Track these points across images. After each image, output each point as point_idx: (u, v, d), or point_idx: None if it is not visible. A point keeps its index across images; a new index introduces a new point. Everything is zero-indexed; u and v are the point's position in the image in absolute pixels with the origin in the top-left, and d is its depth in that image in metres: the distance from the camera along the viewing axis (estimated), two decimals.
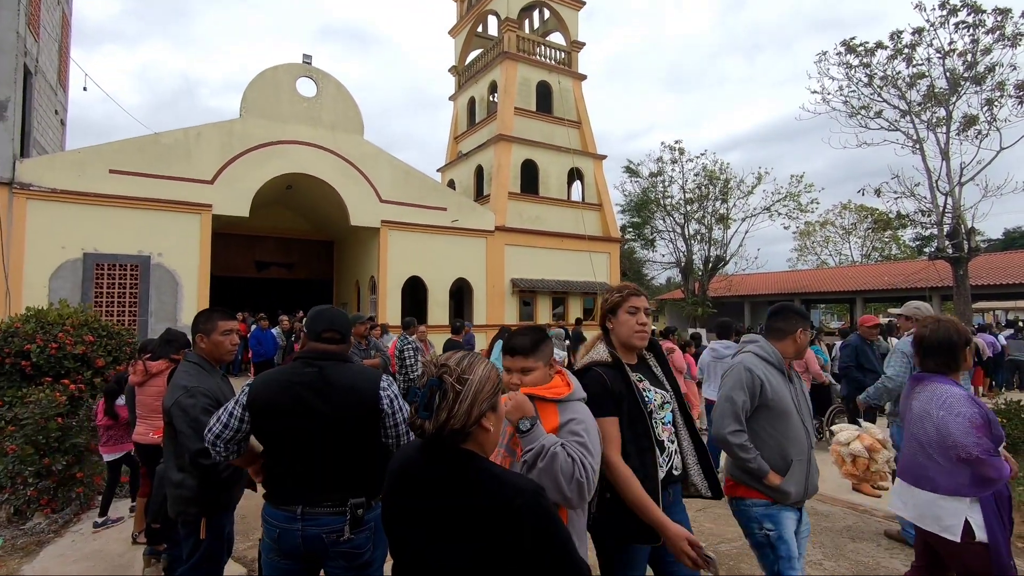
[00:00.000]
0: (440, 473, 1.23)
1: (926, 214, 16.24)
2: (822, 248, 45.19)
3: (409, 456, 1.33)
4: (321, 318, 2.14)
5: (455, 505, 1.19)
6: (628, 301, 2.11)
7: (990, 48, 14.86)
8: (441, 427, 1.21)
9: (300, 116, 13.45)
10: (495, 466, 1.27)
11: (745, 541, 4.20)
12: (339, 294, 18.43)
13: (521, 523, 1.14)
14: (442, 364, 1.27)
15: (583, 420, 1.77)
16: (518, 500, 1.16)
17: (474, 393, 1.24)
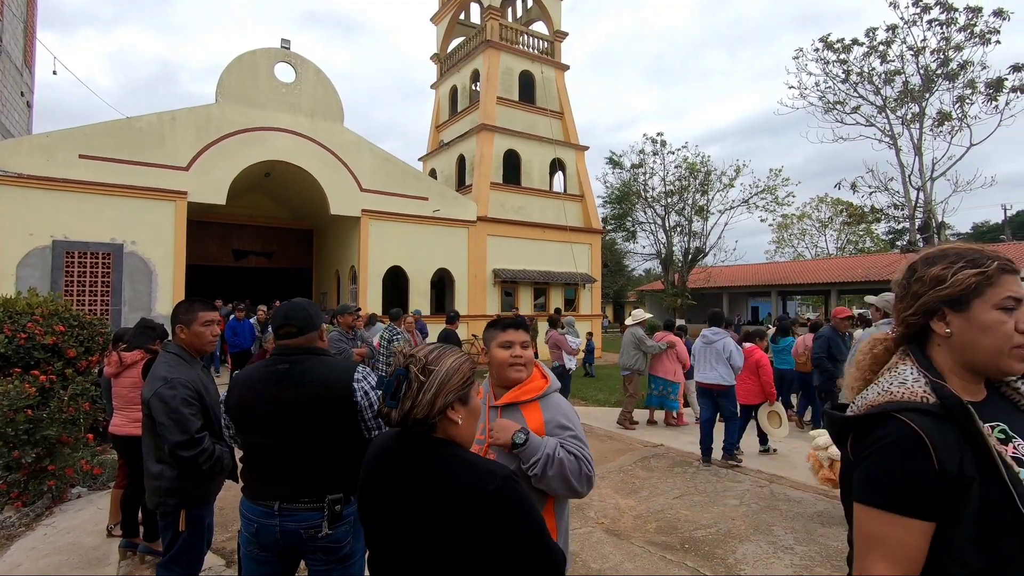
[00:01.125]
0: (412, 462, 1.25)
1: (899, 208, 16.66)
2: (799, 241, 46.01)
3: (382, 446, 1.34)
4: (277, 315, 2.15)
5: (428, 494, 1.20)
6: (1001, 284, 1.06)
7: (962, 46, 15.20)
8: (405, 416, 1.23)
9: (278, 102, 13.19)
10: (468, 453, 1.28)
11: (720, 527, 4.32)
12: (319, 284, 18.23)
13: (494, 508, 1.16)
14: (410, 355, 1.29)
15: (565, 411, 1.81)
16: (491, 485, 1.17)
17: (439, 384, 1.25)
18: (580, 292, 18.59)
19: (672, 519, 4.48)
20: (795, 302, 41.44)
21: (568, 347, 8.28)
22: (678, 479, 5.57)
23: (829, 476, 4.36)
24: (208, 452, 2.27)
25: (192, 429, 2.27)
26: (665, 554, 3.84)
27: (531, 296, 17.60)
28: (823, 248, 44.54)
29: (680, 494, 5.11)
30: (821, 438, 4.55)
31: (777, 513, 4.62)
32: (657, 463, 6.15)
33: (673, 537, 4.13)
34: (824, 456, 4.40)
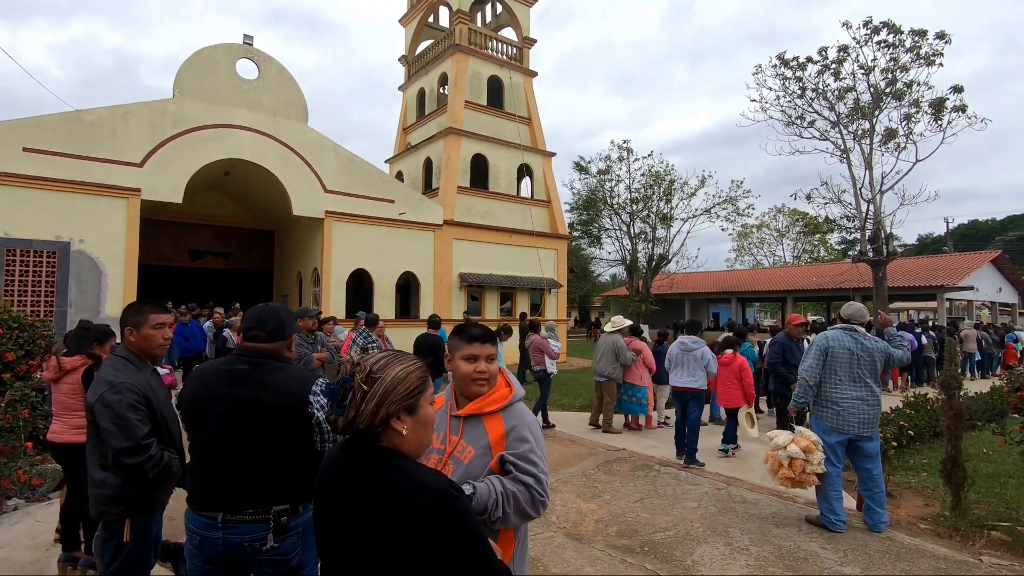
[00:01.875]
0: (356, 470, 1.24)
1: (851, 219, 17.34)
2: (758, 249, 47.47)
3: (333, 455, 1.33)
4: (249, 317, 2.10)
5: (371, 503, 1.19)
6: None
7: (908, 66, 16.01)
8: (349, 424, 1.23)
9: (239, 99, 12.84)
10: (412, 465, 1.24)
11: (678, 529, 4.39)
12: (280, 286, 17.78)
13: (430, 523, 1.13)
14: (356, 363, 1.28)
15: (528, 423, 1.77)
16: (422, 500, 1.14)
17: (382, 394, 1.23)
18: (546, 297, 18.69)
19: (633, 522, 4.54)
20: (754, 308, 42.66)
21: (551, 351, 8.36)
22: (639, 482, 5.64)
23: (788, 475, 4.49)
24: (155, 459, 2.18)
25: (138, 435, 2.17)
26: (625, 557, 3.88)
27: (497, 300, 17.59)
28: (780, 257, 46.07)
29: (641, 497, 5.17)
30: (779, 438, 4.69)
31: (733, 515, 4.73)
32: (619, 467, 6.22)
33: (633, 540, 4.18)
34: (783, 455, 4.53)
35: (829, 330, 4.72)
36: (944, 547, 4.09)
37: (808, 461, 4.41)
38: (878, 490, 4.42)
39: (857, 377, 4.42)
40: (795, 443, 4.50)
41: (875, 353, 4.46)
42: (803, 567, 3.73)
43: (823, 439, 4.49)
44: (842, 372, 4.45)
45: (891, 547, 4.07)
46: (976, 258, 25.58)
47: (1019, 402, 4.35)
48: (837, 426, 4.43)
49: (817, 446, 4.45)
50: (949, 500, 4.64)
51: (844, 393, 4.42)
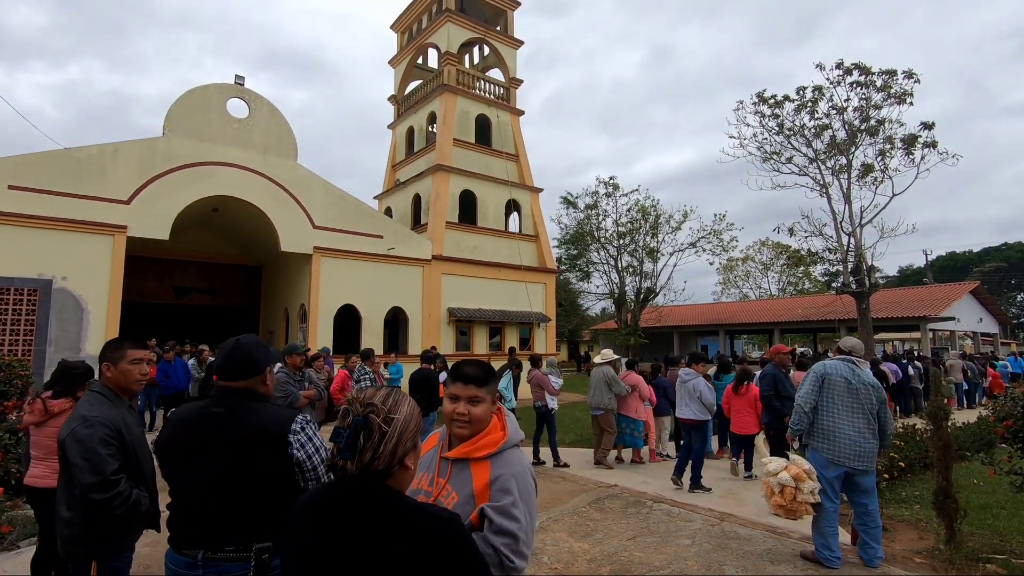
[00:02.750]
0: (363, 513, 1.20)
1: (833, 252, 17.69)
2: (743, 282, 48.04)
3: (325, 496, 1.28)
4: (222, 355, 2.05)
5: (380, 544, 1.16)
6: None
7: (880, 105, 16.65)
8: (365, 467, 1.19)
9: (230, 137, 12.97)
10: (413, 501, 1.26)
11: (673, 568, 4.29)
12: (266, 322, 17.60)
13: (438, 550, 1.14)
14: (368, 403, 1.25)
15: (516, 473, 1.63)
16: (433, 529, 1.16)
17: (399, 433, 1.23)
18: (535, 331, 18.66)
19: (626, 561, 4.43)
20: (742, 340, 42.87)
21: (551, 387, 8.30)
22: (632, 520, 5.54)
23: (780, 502, 4.43)
24: (123, 496, 2.10)
25: (107, 471, 2.10)
26: None
27: (486, 335, 17.53)
28: (766, 289, 46.62)
29: (634, 535, 5.07)
30: (771, 465, 4.65)
31: (728, 552, 4.64)
32: (611, 504, 6.11)
33: None
34: (775, 482, 4.48)
35: (827, 360, 4.73)
36: None
37: (799, 490, 4.36)
38: (874, 525, 4.36)
39: (854, 408, 4.39)
40: (787, 471, 4.46)
41: (872, 386, 4.46)
42: None
43: (820, 472, 4.43)
44: (839, 401, 4.42)
45: None
46: (956, 289, 26.09)
47: (1006, 431, 4.38)
48: (833, 458, 4.37)
49: (809, 475, 4.41)
50: (943, 533, 4.60)
51: (840, 424, 4.37)
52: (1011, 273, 48.07)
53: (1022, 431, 4.15)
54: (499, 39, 19.47)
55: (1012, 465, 4.42)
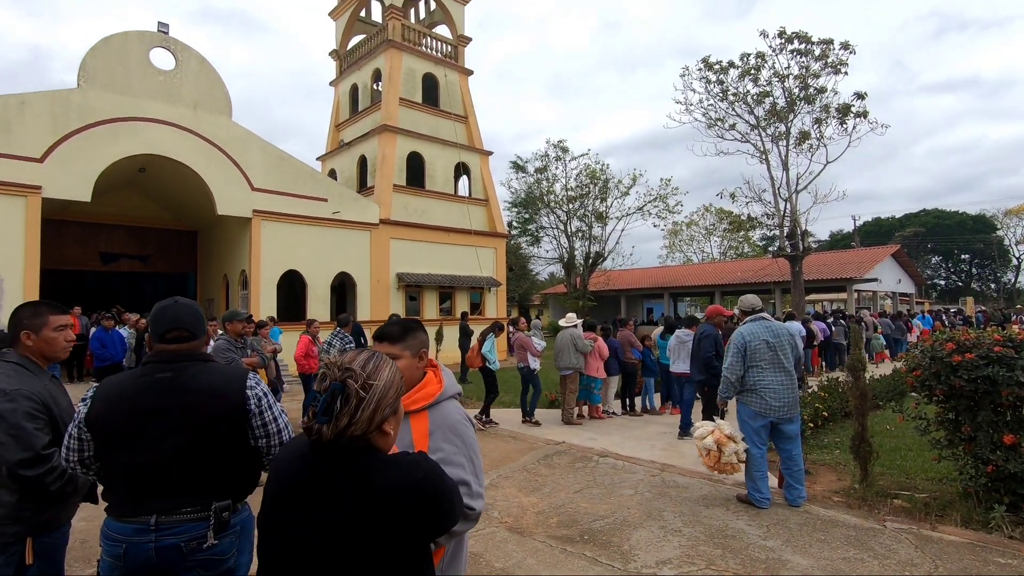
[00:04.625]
0: (339, 483, 1.19)
1: (770, 217, 18.44)
2: (688, 246, 49.66)
3: (299, 464, 1.26)
4: (164, 317, 1.94)
5: (365, 499, 1.17)
6: None
7: (818, 74, 17.21)
8: (340, 433, 1.18)
9: (155, 91, 12.04)
10: (386, 458, 1.26)
11: (616, 516, 4.53)
12: (204, 289, 16.84)
13: (421, 495, 1.20)
14: (346, 367, 1.22)
15: (453, 422, 1.67)
16: (419, 473, 1.22)
17: (378, 399, 1.21)
18: (486, 296, 18.72)
19: (573, 512, 4.64)
20: (685, 303, 44.54)
21: (534, 349, 8.57)
22: (579, 474, 5.77)
23: (708, 464, 4.78)
24: (58, 471, 2.01)
25: (37, 445, 1.99)
26: (566, 547, 3.96)
27: (436, 300, 17.46)
28: (708, 253, 48.40)
29: (580, 488, 5.29)
30: (700, 430, 4.97)
31: (668, 499, 4.93)
32: (559, 460, 6.34)
33: (573, 530, 4.27)
34: (702, 446, 4.81)
35: (743, 325, 5.00)
36: (854, 516, 4.44)
37: (722, 452, 4.70)
38: (797, 469, 4.75)
39: (776, 364, 4.73)
40: (712, 435, 4.78)
41: (787, 338, 4.81)
42: (731, 543, 3.95)
43: (748, 423, 4.77)
44: (762, 362, 4.75)
45: (808, 520, 4.38)
46: (879, 252, 27.89)
47: (915, 381, 4.79)
48: (760, 411, 4.72)
49: (733, 439, 4.74)
50: (858, 474, 5.05)
51: (765, 380, 4.72)
52: (927, 238, 51.75)
53: (928, 380, 4.56)
54: None
55: (918, 411, 4.86)
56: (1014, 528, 3.99)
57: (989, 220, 52.36)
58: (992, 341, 4.32)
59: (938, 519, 4.31)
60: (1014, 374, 4.08)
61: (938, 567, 3.55)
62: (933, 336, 4.84)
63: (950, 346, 4.45)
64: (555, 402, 9.44)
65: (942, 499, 4.63)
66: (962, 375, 4.28)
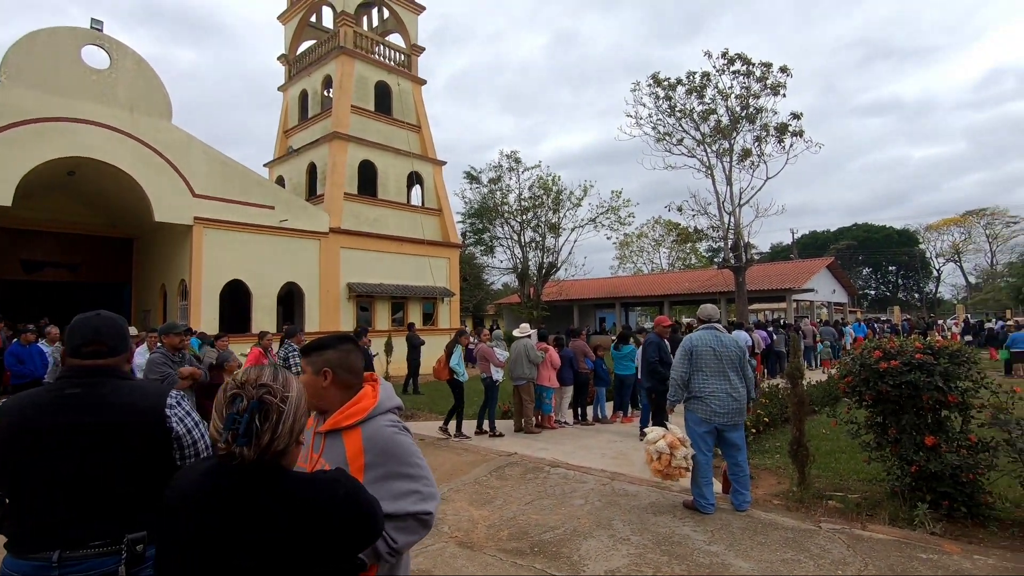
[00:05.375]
0: (265, 501, 1.16)
1: (715, 229, 19.18)
2: (638, 257, 50.95)
3: (211, 485, 1.20)
4: (82, 330, 1.80)
5: (285, 527, 1.15)
6: None
7: (758, 94, 18.10)
8: (263, 451, 1.15)
9: (86, 91, 11.40)
10: (304, 476, 1.26)
11: (566, 527, 4.54)
12: (140, 300, 15.97)
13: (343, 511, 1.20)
14: (261, 384, 1.20)
15: (386, 436, 1.60)
16: (340, 490, 1.22)
17: (295, 410, 1.21)
18: (439, 306, 18.57)
19: (523, 524, 4.62)
20: (636, 312, 45.54)
21: (496, 360, 8.54)
22: (530, 485, 5.76)
23: (658, 468, 4.85)
24: None
25: None
26: (516, 560, 3.94)
27: (388, 310, 17.18)
28: (658, 264, 49.78)
29: (531, 499, 5.29)
30: (651, 434, 5.05)
31: (617, 508, 4.99)
32: (511, 471, 6.31)
33: (523, 542, 4.25)
34: (653, 450, 4.88)
35: (694, 331, 5.18)
36: (792, 519, 4.62)
37: (673, 456, 4.79)
38: (744, 475, 4.91)
39: (720, 372, 4.89)
40: (664, 439, 4.87)
41: (734, 349, 4.98)
42: (676, 550, 4.03)
43: (694, 429, 4.90)
44: (707, 369, 4.90)
45: (751, 523, 4.53)
46: (815, 264, 29.41)
47: (847, 387, 5.05)
48: (706, 417, 4.86)
49: (683, 443, 4.85)
50: (796, 477, 5.26)
51: (710, 387, 4.87)
52: (858, 250, 55.03)
53: (858, 386, 4.82)
54: (399, 2, 18.66)
55: (850, 415, 5.12)
56: (935, 524, 4.24)
57: (913, 234, 56.24)
58: (914, 349, 4.62)
59: (868, 518, 4.53)
60: (933, 379, 4.37)
61: (867, 565, 3.73)
62: (863, 344, 5.13)
63: (877, 353, 4.72)
64: (508, 412, 9.42)
65: (872, 499, 4.88)
66: (888, 381, 4.55)
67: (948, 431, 4.50)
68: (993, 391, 4.50)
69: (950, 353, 4.52)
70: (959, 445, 4.41)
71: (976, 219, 51.81)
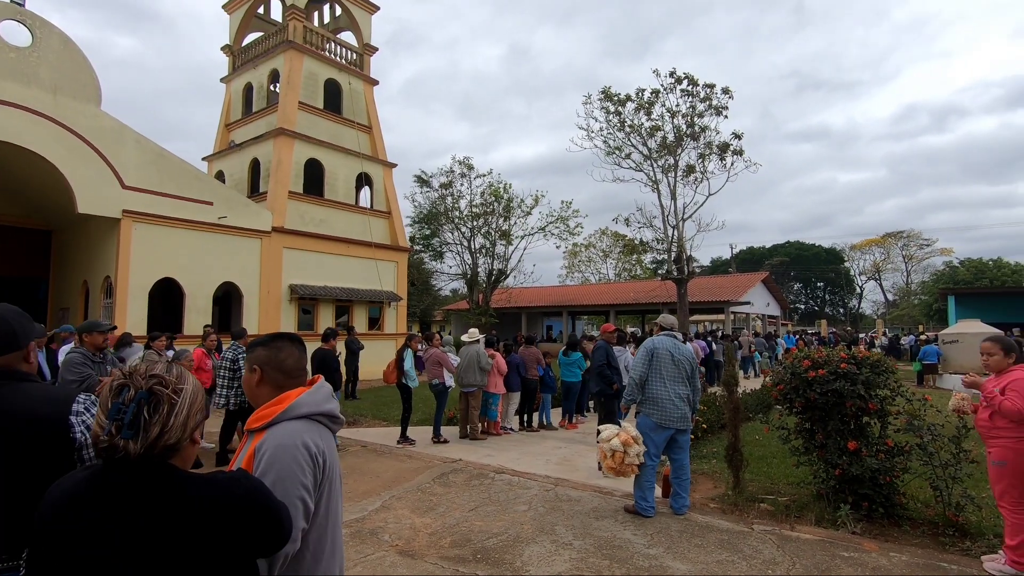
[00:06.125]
0: (150, 500, 1.07)
1: (660, 242, 19.78)
2: (586, 267, 51.86)
3: (96, 489, 1.10)
4: None
5: (176, 527, 1.07)
6: None
7: (702, 114, 18.87)
8: (152, 445, 1.07)
9: (4, 69, 10.53)
10: (199, 477, 1.18)
11: (510, 533, 4.52)
12: (58, 297, 14.82)
13: (240, 512, 1.15)
14: (152, 375, 1.13)
15: (276, 444, 1.44)
16: (238, 489, 1.16)
17: (190, 403, 1.16)
18: (385, 310, 18.22)
19: (467, 531, 4.57)
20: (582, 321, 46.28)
21: (449, 364, 8.41)
22: (474, 491, 5.71)
23: (611, 465, 4.90)
24: None
25: None
26: (458, 567, 3.88)
27: (332, 314, 16.69)
28: (604, 274, 50.81)
29: (475, 506, 5.24)
30: (605, 432, 5.11)
31: (560, 513, 5.02)
32: (455, 478, 6.24)
33: (466, 549, 4.20)
34: (607, 447, 4.94)
35: (655, 336, 5.31)
36: (727, 521, 4.79)
37: (627, 454, 4.86)
38: (686, 478, 5.06)
39: (676, 378, 5.03)
40: (618, 437, 4.94)
41: (691, 358, 5.16)
42: (617, 553, 4.09)
43: (648, 435, 4.98)
44: (665, 373, 5.03)
45: (688, 526, 4.66)
46: (752, 278, 30.84)
47: (779, 395, 5.31)
48: (661, 422, 4.96)
49: (636, 441, 4.94)
50: (731, 481, 5.46)
51: (666, 392, 4.99)
52: (790, 266, 58.21)
53: (789, 394, 5.07)
54: (353, 0, 18.32)
55: (781, 422, 5.37)
56: (856, 524, 4.50)
57: (839, 253, 60.03)
58: (839, 359, 4.90)
59: (796, 520, 4.76)
60: (856, 387, 4.65)
61: (795, 565, 3.91)
62: (793, 354, 5.41)
63: (807, 363, 4.98)
64: (453, 419, 9.32)
65: (800, 501, 5.13)
66: (816, 389, 4.81)
67: (869, 436, 4.80)
68: (908, 399, 4.83)
69: (871, 363, 4.83)
70: (878, 450, 4.70)
71: (894, 240, 55.89)
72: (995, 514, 4.41)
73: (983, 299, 27.22)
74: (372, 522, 4.78)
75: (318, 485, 1.49)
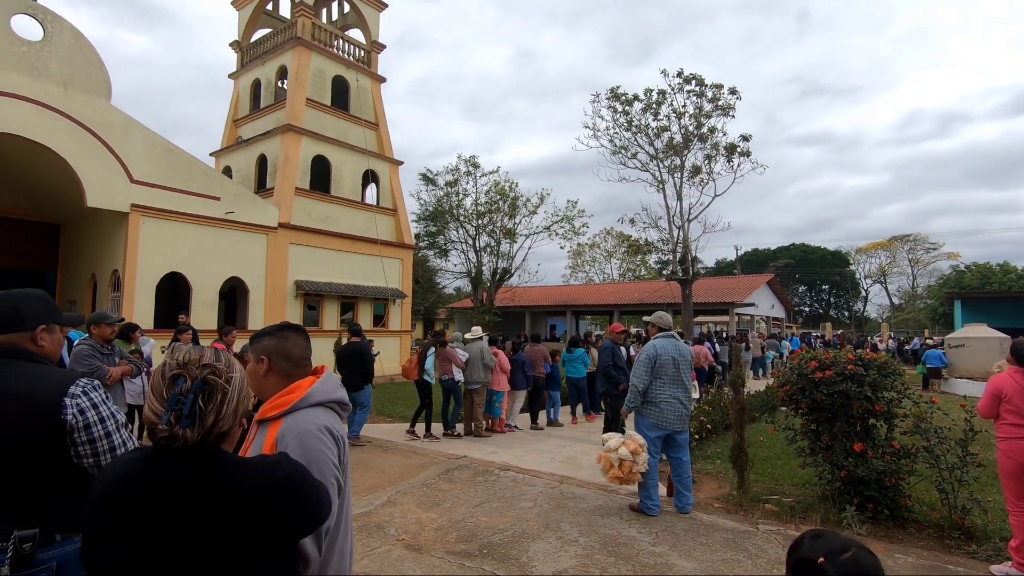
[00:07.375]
0: (203, 482, 1.12)
1: (665, 243, 19.75)
2: (590, 267, 51.84)
3: (144, 469, 1.14)
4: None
5: (224, 509, 1.11)
6: None
7: (710, 114, 18.82)
8: (207, 432, 1.12)
9: (15, 62, 10.60)
10: (243, 461, 1.22)
11: (515, 529, 4.54)
12: (66, 290, 14.91)
13: (282, 493, 1.16)
14: (205, 364, 1.18)
15: (300, 431, 1.48)
16: (280, 473, 1.18)
17: (239, 390, 1.20)
18: (390, 307, 18.27)
19: (472, 527, 4.59)
20: (586, 321, 46.27)
21: (458, 361, 8.47)
22: (479, 488, 5.74)
23: (617, 474, 4.88)
24: None
25: None
26: (464, 561, 3.90)
27: (338, 310, 16.74)
28: (608, 274, 50.79)
29: (481, 502, 5.26)
30: (611, 441, 5.11)
31: (565, 510, 5.03)
32: (460, 474, 6.27)
33: (472, 544, 4.22)
34: (614, 457, 4.93)
35: (655, 339, 5.27)
36: (732, 521, 4.80)
37: (635, 462, 4.87)
38: (686, 476, 5.06)
39: (676, 380, 5.03)
40: (625, 446, 4.94)
41: (690, 358, 5.16)
42: (623, 551, 4.10)
43: (645, 434, 5.00)
44: (665, 376, 5.02)
45: (693, 525, 4.67)
46: (756, 280, 30.76)
47: (785, 396, 5.31)
48: (659, 423, 4.97)
49: (643, 448, 4.94)
50: (736, 481, 5.47)
51: (666, 394, 4.99)
52: (795, 269, 58.02)
53: (795, 395, 5.07)
54: None
55: (787, 423, 5.38)
56: (861, 526, 4.50)
57: (845, 256, 59.79)
58: (846, 360, 4.90)
59: (801, 520, 4.76)
60: (863, 389, 4.65)
61: None
62: (800, 355, 5.40)
63: (814, 364, 4.98)
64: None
65: (805, 502, 5.13)
66: (823, 390, 4.81)
67: (875, 438, 4.80)
68: (915, 401, 4.83)
69: (879, 365, 4.83)
70: (884, 452, 4.70)
71: (901, 244, 55.62)
72: (1001, 517, 4.41)
73: (990, 303, 27.09)
74: (379, 516, 4.81)
75: (342, 465, 1.57)
